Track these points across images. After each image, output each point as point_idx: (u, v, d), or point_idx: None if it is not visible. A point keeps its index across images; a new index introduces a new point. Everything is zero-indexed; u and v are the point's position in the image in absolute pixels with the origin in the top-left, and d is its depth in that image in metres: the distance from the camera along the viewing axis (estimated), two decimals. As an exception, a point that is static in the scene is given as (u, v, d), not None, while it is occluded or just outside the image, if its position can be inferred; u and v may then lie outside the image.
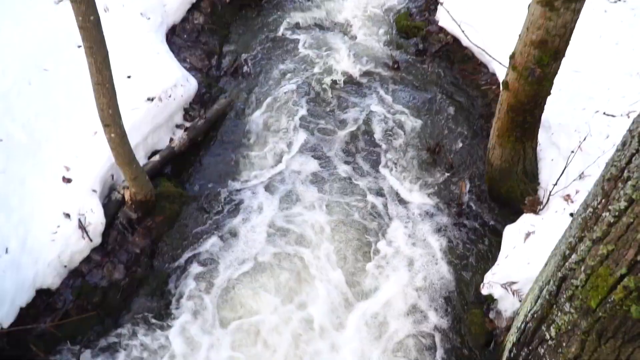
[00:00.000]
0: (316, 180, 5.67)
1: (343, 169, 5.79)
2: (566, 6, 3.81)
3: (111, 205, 4.97)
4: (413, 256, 4.99)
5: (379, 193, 5.55)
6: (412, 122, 6.29)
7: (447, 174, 5.72)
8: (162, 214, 5.12)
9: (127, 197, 4.94)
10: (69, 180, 4.77)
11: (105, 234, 4.78)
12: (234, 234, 5.15)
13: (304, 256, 4.98)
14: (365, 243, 5.11)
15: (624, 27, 6.04)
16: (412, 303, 4.66)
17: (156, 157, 5.53)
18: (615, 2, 6.50)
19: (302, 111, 6.41)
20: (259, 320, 4.57)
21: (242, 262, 4.93)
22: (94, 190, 4.82)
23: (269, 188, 5.58)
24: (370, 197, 5.50)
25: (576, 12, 3.88)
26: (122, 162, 4.58)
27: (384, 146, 6.04)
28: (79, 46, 5.48)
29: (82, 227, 4.57)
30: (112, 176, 5.11)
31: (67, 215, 4.57)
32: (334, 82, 6.85)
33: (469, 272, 4.87)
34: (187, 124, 5.99)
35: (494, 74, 6.35)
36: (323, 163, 5.85)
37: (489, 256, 4.93)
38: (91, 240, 4.62)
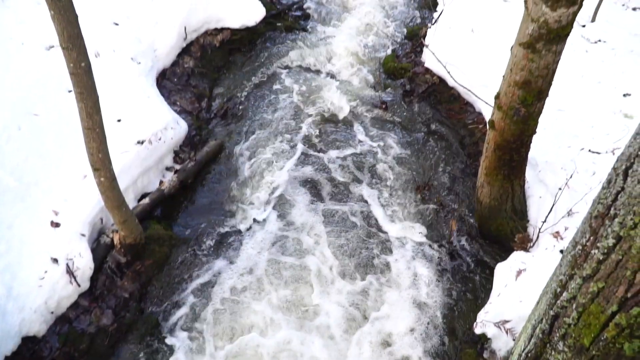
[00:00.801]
0: (306, 219, 5.66)
1: (333, 208, 5.79)
2: (547, 48, 3.91)
3: (100, 249, 4.92)
4: (404, 296, 4.96)
5: (370, 232, 5.54)
6: (400, 161, 6.34)
7: (437, 212, 5.74)
8: (152, 257, 5.08)
9: (116, 240, 4.90)
10: (57, 225, 4.73)
11: (93, 279, 4.72)
12: (222, 274, 5.10)
13: (304, 292, 4.95)
14: (359, 285, 5.08)
15: (606, 67, 6.20)
16: (402, 346, 4.60)
17: (146, 200, 5.51)
18: (596, 42, 6.68)
19: (292, 151, 6.45)
20: (260, 344, 4.55)
21: (233, 299, 4.87)
22: (83, 235, 4.78)
23: (258, 229, 5.56)
24: (361, 234, 5.49)
25: (557, 54, 3.98)
26: (111, 205, 4.56)
27: (373, 185, 6.07)
28: (70, 91, 5.54)
29: (70, 272, 4.51)
30: (101, 220, 5.08)
31: (55, 260, 4.51)
32: (323, 122, 6.93)
33: (461, 311, 4.83)
34: (177, 167, 6.01)
35: (480, 113, 6.46)
36: (313, 203, 5.85)
37: (481, 294, 4.91)
38: (79, 285, 4.56)
